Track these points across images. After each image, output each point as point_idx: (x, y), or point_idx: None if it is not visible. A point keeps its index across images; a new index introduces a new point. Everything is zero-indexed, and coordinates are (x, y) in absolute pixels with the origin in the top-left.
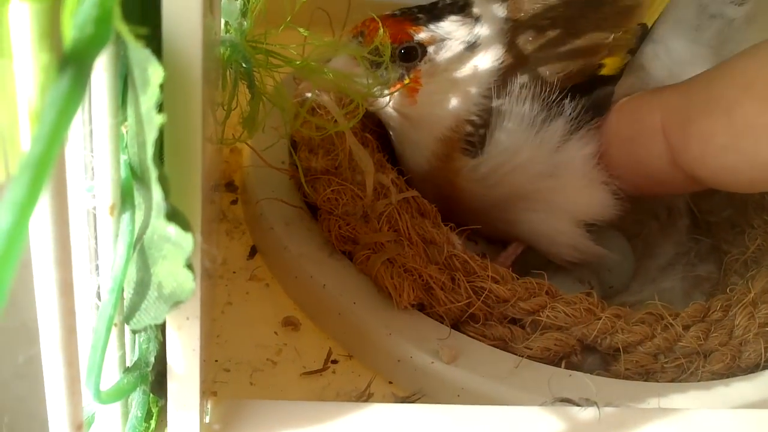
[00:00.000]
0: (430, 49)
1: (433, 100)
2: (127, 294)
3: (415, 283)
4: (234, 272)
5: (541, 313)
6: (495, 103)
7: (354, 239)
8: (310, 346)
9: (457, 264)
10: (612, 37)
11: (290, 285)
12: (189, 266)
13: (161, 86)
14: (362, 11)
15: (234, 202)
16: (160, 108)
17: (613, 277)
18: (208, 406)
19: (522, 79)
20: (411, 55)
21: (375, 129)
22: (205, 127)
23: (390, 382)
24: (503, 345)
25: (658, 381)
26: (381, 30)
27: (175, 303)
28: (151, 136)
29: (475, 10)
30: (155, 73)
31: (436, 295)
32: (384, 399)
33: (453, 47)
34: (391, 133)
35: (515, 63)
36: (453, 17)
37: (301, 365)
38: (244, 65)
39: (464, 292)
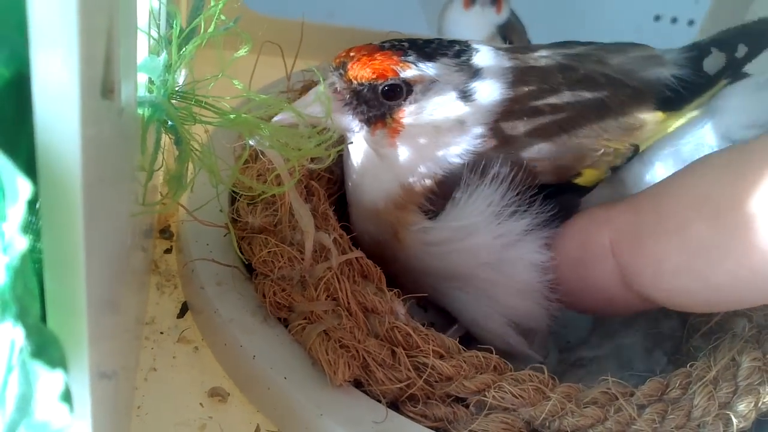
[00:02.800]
0: (417, 88)
1: (410, 143)
2: (9, 407)
3: (352, 358)
4: (162, 333)
5: (486, 393)
6: (467, 174)
7: (290, 306)
8: (237, 420)
9: (398, 337)
10: (602, 152)
11: (220, 351)
12: (65, 399)
13: (30, 202)
14: (314, 39)
15: (168, 251)
16: (29, 227)
17: (570, 332)
18: None
19: (503, 161)
20: (395, 93)
21: (322, 173)
22: (91, 232)
23: None
24: (444, 426)
25: None
26: (321, 86)
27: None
28: (12, 264)
29: (476, 61)
30: (23, 187)
31: (373, 373)
32: None
33: (443, 91)
34: (352, 160)
35: (501, 137)
36: (447, 60)
37: None
38: (170, 122)
39: (405, 370)
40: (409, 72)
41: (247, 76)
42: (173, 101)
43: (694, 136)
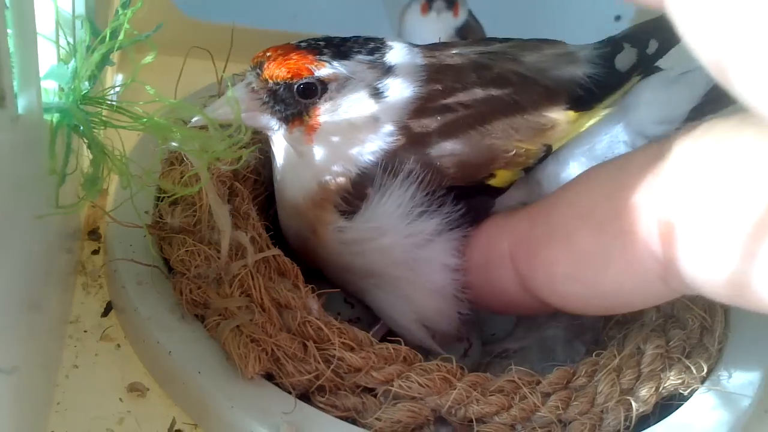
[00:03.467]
0: (332, 86)
1: (326, 141)
2: None
3: (263, 352)
4: (85, 331)
5: (393, 383)
6: (380, 174)
7: (205, 304)
8: (155, 414)
9: (310, 331)
10: (513, 153)
11: (140, 348)
12: None
13: None
14: (246, 43)
15: (96, 251)
16: None
17: (495, 323)
18: None
19: (413, 161)
20: (310, 91)
21: (248, 175)
22: None
23: None
24: (353, 416)
25: None
26: (230, 91)
27: None
28: None
29: (389, 58)
30: None
31: (284, 366)
32: None
33: (356, 89)
34: (276, 159)
35: (412, 136)
36: (361, 57)
37: None
38: (81, 128)
39: (314, 362)
40: (323, 71)
41: (174, 79)
42: (86, 106)
43: (608, 134)
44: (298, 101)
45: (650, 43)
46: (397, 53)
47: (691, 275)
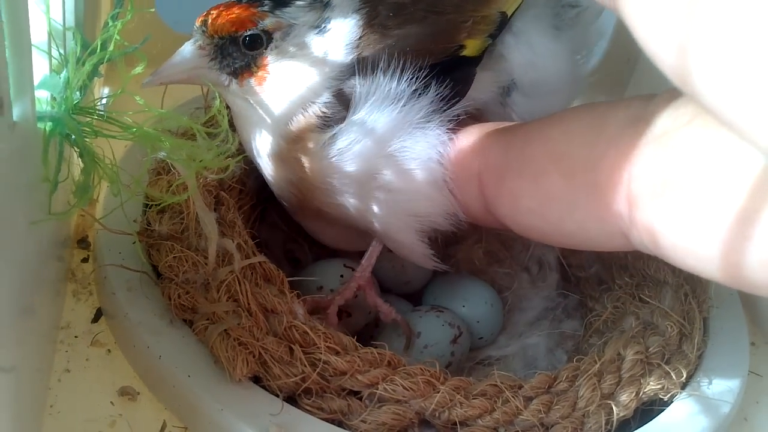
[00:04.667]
0: (276, 35)
1: (281, 86)
2: None
3: (251, 355)
4: (76, 336)
5: (378, 386)
6: (358, 81)
7: (193, 308)
8: (146, 417)
9: (296, 335)
10: (471, 21)
11: (130, 353)
12: None
13: None
14: None
15: (85, 260)
16: None
17: (482, 328)
18: None
19: (386, 54)
20: (256, 43)
21: (234, 185)
22: None
23: None
24: (339, 418)
25: None
26: (218, 100)
27: None
28: None
29: None
30: None
31: (271, 369)
32: None
33: (300, 33)
34: (242, 128)
35: (375, 39)
36: (299, 2)
37: None
38: (73, 136)
39: (300, 365)
40: (266, 21)
41: (161, 94)
42: (77, 116)
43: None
44: (245, 53)
45: None
46: None
47: (659, 243)
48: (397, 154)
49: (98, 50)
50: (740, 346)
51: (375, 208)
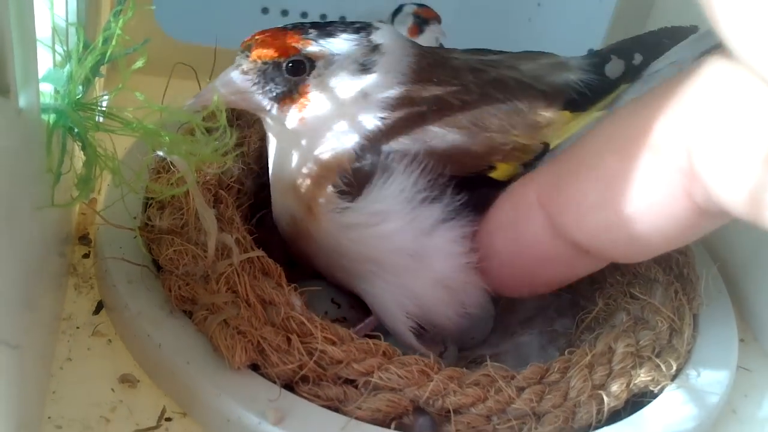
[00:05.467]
0: (319, 63)
1: (319, 116)
2: None
3: (249, 343)
4: (78, 327)
5: (373, 374)
6: (381, 158)
7: (193, 299)
8: (146, 403)
9: (293, 325)
10: (511, 146)
11: (130, 342)
12: None
13: None
14: (228, 59)
15: (86, 255)
16: None
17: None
18: None
19: (413, 146)
20: (299, 69)
21: (232, 184)
22: None
23: None
24: (336, 405)
25: None
26: (216, 97)
27: None
28: None
29: (375, 37)
30: None
31: (269, 357)
32: None
33: (343, 66)
34: (270, 142)
35: (410, 119)
36: (346, 36)
37: (134, 423)
38: (76, 129)
39: (297, 354)
40: (310, 48)
41: (160, 97)
42: (79, 111)
43: None
44: (287, 79)
45: (635, 56)
46: (383, 33)
47: (716, 191)
48: (404, 249)
49: (100, 46)
50: (729, 341)
51: (370, 287)
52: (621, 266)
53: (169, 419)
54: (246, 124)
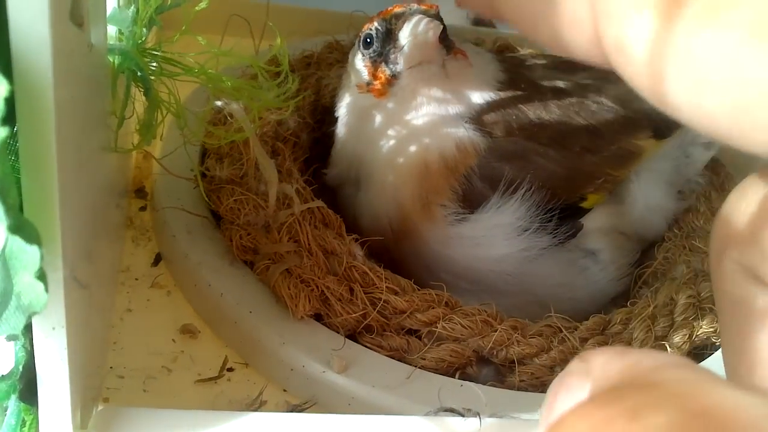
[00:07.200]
0: None
1: (461, 77)
2: None
3: (312, 293)
4: (136, 279)
5: (437, 325)
6: (501, 186)
7: (255, 249)
8: (207, 353)
9: (356, 275)
10: (604, 179)
11: (190, 293)
12: (40, 277)
13: (7, 99)
14: (281, 19)
15: (143, 208)
16: (5, 122)
17: None
18: (95, 412)
19: (529, 178)
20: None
21: (289, 137)
22: (64, 142)
23: (284, 390)
24: (399, 355)
25: None
26: (278, 39)
27: (31, 313)
28: None
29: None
30: (0, 85)
31: (332, 306)
32: (277, 407)
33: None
34: (379, 125)
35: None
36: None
37: (196, 373)
38: (139, 73)
39: (361, 303)
40: None
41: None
42: (142, 55)
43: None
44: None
45: None
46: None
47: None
48: (509, 274)
49: None
50: None
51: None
52: (679, 221)
53: (231, 369)
54: (301, 77)
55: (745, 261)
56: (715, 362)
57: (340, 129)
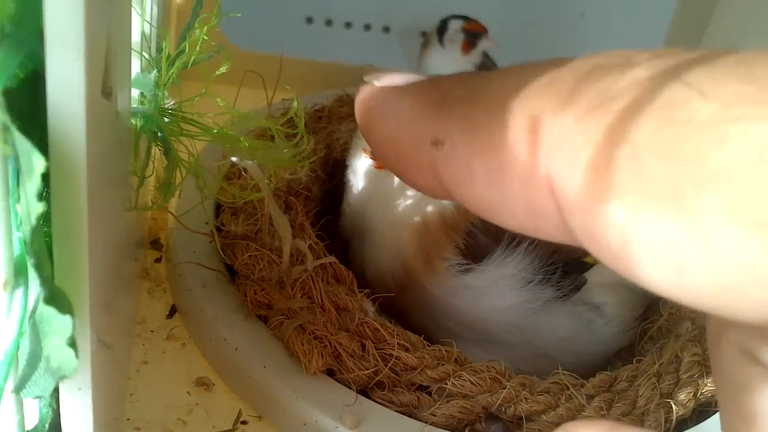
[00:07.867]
0: None
1: None
2: (21, 364)
3: (325, 349)
4: (152, 331)
5: (447, 381)
6: (506, 236)
7: (269, 304)
8: (222, 406)
9: (367, 331)
10: None
11: (205, 346)
12: (72, 344)
13: (44, 175)
14: (293, 72)
15: (158, 260)
16: (42, 197)
17: None
18: None
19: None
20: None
21: (301, 191)
22: (94, 211)
23: None
24: (409, 411)
25: None
26: (295, 102)
27: (61, 377)
28: (30, 224)
29: None
30: (37, 162)
31: (344, 362)
32: None
33: None
34: (355, 184)
35: None
36: None
37: (210, 425)
38: (159, 134)
39: (372, 360)
40: None
41: (231, 104)
42: (163, 116)
43: None
44: None
45: None
46: None
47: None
48: (513, 325)
49: (186, 51)
50: None
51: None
52: None
53: (245, 422)
54: (312, 131)
55: (743, 342)
56: (719, 421)
57: (348, 184)
